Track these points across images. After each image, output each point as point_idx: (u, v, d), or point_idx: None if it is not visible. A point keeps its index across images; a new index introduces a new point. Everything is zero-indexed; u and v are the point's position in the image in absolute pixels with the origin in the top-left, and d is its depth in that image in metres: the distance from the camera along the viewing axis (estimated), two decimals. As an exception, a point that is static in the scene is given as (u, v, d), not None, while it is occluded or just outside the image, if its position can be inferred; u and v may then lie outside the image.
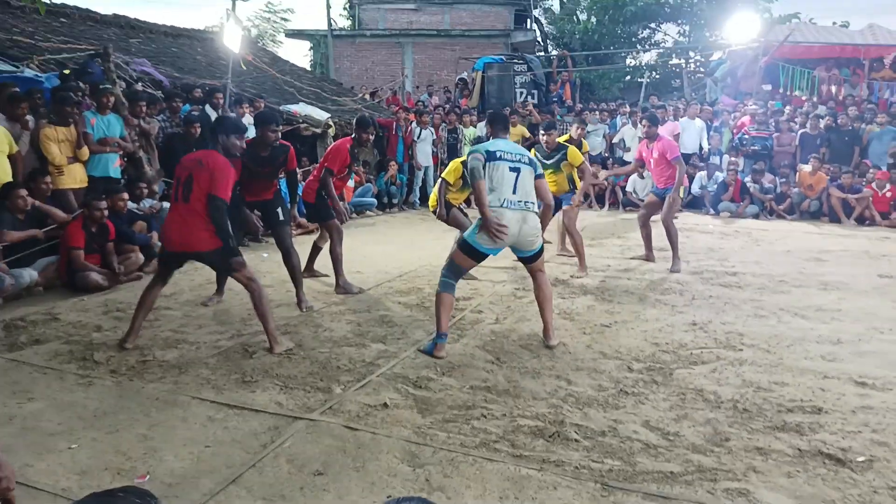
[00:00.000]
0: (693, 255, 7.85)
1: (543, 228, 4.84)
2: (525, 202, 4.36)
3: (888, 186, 11.06)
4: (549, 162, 6.99)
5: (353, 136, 5.97)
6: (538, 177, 4.54)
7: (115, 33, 11.46)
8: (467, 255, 4.39)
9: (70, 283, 5.81)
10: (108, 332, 4.70)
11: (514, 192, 4.33)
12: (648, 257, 7.60)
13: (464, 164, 6.66)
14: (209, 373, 3.94)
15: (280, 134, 5.52)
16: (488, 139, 4.61)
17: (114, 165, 7.12)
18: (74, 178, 6.62)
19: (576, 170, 7.10)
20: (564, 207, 7.22)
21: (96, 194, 6.12)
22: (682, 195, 7.32)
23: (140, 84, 8.49)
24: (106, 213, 6.01)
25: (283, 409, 3.47)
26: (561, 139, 7.38)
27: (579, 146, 7.65)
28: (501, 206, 4.30)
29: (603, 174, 9.49)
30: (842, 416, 3.46)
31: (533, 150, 7.01)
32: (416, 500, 1.27)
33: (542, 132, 7.27)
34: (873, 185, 11.14)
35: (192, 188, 4.19)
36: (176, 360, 4.13)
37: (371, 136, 6.02)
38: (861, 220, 11.08)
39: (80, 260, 5.80)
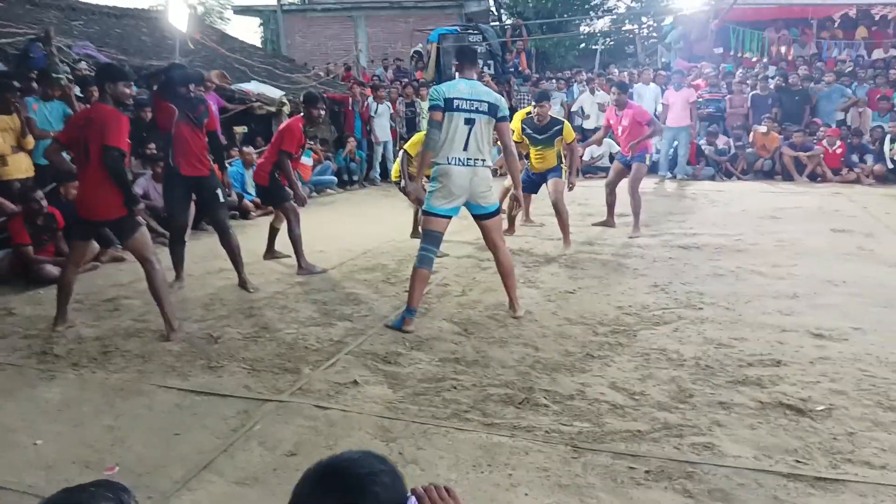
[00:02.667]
0: (652, 219, 7.96)
1: (515, 184, 4.71)
2: (475, 160, 4.31)
3: (838, 143, 11.36)
4: (541, 137, 6.56)
5: (302, 114, 5.88)
6: (500, 119, 4.40)
7: (56, 16, 11.02)
8: (434, 218, 4.37)
9: (24, 276, 5.64)
10: (73, 326, 4.58)
11: (464, 149, 4.28)
12: (609, 223, 7.68)
13: (523, 120, 6.56)
14: (174, 360, 3.88)
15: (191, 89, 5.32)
16: (455, 76, 4.47)
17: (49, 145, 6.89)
18: (20, 167, 6.39)
19: (566, 147, 6.74)
20: (550, 180, 6.76)
21: (32, 188, 5.92)
22: (647, 161, 7.36)
23: (85, 67, 8.19)
24: (45, 203, 5.81)
25: (251, 392, 3.44)
26: (520, 113, 6.95)
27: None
28: (448, 163, 4.28)
29: (580, 148, 9.46)
30: (800, 368, 3.57)
31: (523, 126, 6.65)
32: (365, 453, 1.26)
33: (533, 104, 6.68)
34: (824, 142, 11.41)
35: (90, 149, 4.04)
36: (139, 349, 4.05)
37: (322, 112, 5.92)
38: (813, 177, 11.36)
39: (31, 255, 5.62)
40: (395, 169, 6.74)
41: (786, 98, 12.36)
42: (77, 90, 7.36)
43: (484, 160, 4.36)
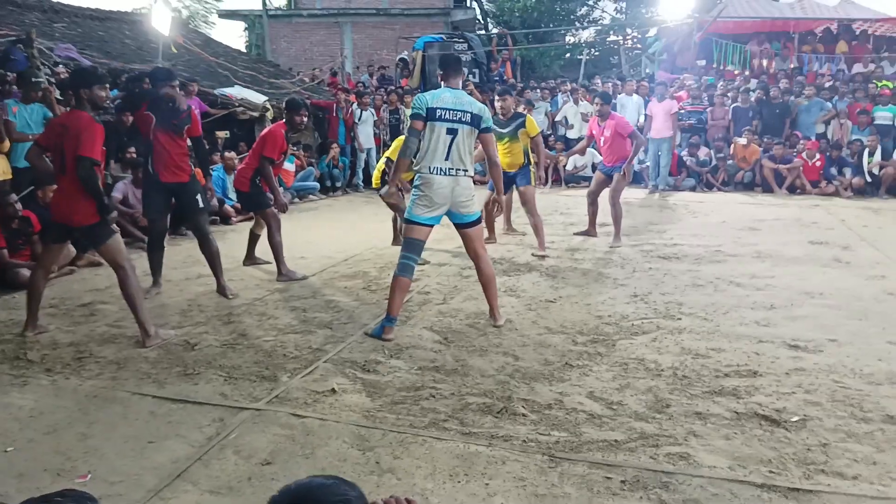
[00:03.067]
0: (633, 229, 8.01)
1: (497, 191, 4.77)
2: (457, 169, 4.31)
3: (817, 156, 11.50)
4: (505, 130, 6.73)
5: (284, 120, 5.86)
6: (483, 130, 4.40)
7: (38, 18, 10.93)
8: (416, 226, 4.37)
9: (-1, 280, 5.57)
10: (46, 331, 4.51)
11: (446, 159, 4.28)
12: (591, 233, 7.71)
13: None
14: (149, 367, 3.84)
15: (177, 90, 5.36)
16: (441, 85, 4.48)
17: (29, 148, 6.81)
18: (-4, 170, 6.33)
19: (531, 141, 6.87)
20: (520, 188, 6.87)
21: (6, 191, 5.85)
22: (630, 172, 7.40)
23: (64, 70, 8.12)
24: (19, 207, 5.75)
25: (227, 400, 3.41)
26: None
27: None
28: (430, 172, 4.28)
29: (563, 158, 9.59)
30: (776, 379, 3.60)
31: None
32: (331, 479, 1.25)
33: (496, 98, 6.90)
34: (803, 155, 11.55)
35: (66, 156, 4.02)
36: (114, 356, 4.01)
37: (304, 118, 5.91)
38: (792, 189, 11.50)
39: (6, 259, 5.56)
40: (375, 175, 6.74)
41: (766, 111, 12.51)
42: (58, 93, 7.29)
43: (465, 170, 4.35)
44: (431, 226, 4.43)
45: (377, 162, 12.58)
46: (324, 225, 8.81)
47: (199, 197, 5.32)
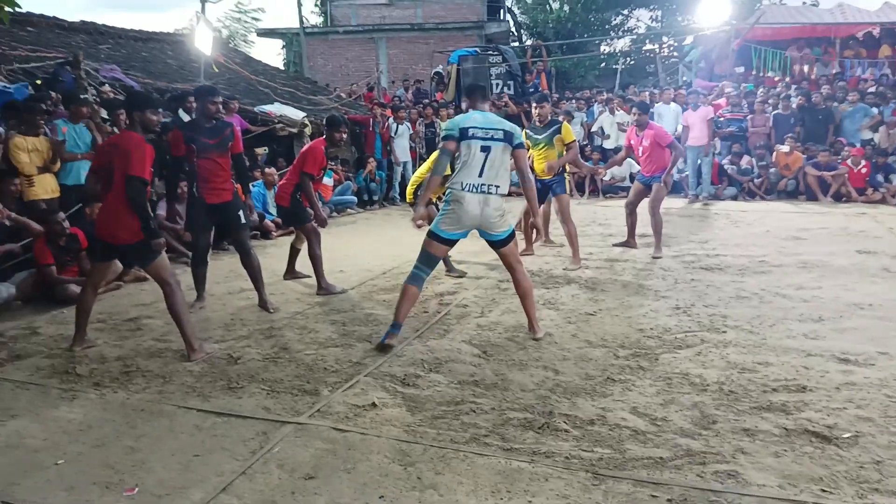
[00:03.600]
0: (673, 240, 7.90)
1: (532, 204, 4.80)
2: (489, 185, 4.35)
3: (863, 163, 11.21)
4: (541, 136, 6.83)
5: (324, 136, 5.93)
6: (517, 147, 4.44)
7: (84, 40, 11.29)
8: (436, 243, 4.43)
9: (48, 296, 5.73)
10: (94, 346, 4.62)
11: (479, 175, 4.33)
12: (630, 244, 7.63)
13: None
14: (194, 380, 3.91)
15: (220, 107, 5.47)
16: (467, 111, 4.59)
17: (86, 173, 7.02)
18: (45, 188, 6.51)
19: (566, 148, 6.86)
20: (556, 196, 6.92)
21: (54, 209, 6.03)
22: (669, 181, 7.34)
23: (109, 90, 8.35)
24: (67, 224, 5.91)
25: (270, 413, 3.44)
26: None
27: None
28: (462, 189, 4.33)
29: (601, 170, 9.57)
30: (826, 394, 3.50)
31: (524, 131, 6.85)
32: None
33: (534, 105, 7.00)
34: (848, 162, 11.27)
35: (115, 174, 4.13)
36: (160, 370, 4.08)
37: (344, 135, 5.98)
38: (838, 197, 11.22)
39: (54, 276, 5.72)
40: (409, 191, 6.79)
41: (808, 117, 12.26)
42: (104, 113, 7.50)
43: (498, 187, 4.38)
44: (453, 242, 4.51)
45: (412, 175, 12.72)
46: (362, 238, 8.88)
47: (241, 213, 5.43)
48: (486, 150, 4.33)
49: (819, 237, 7.99)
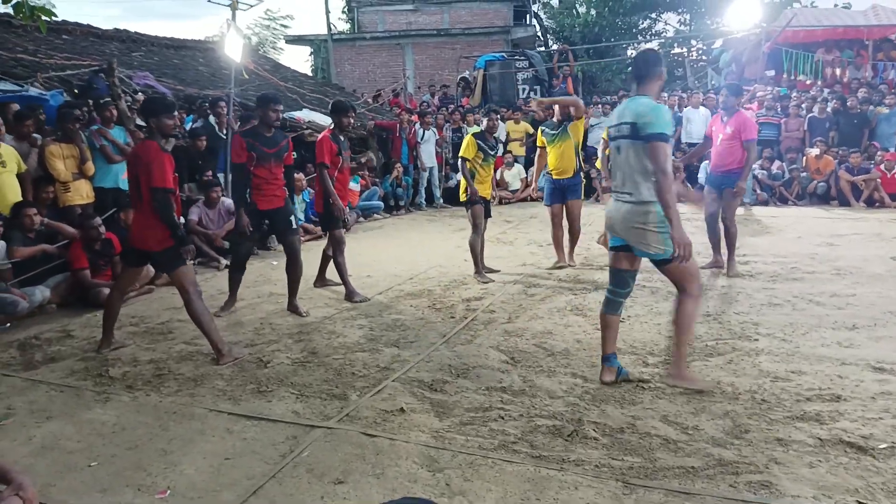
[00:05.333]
0: (703, 245, 7.79)
1: (670, 216, 3.45)
2: (620, 193, 3.67)
3: (896, 167, 10.99)
4: (556, 132, 6.78)
5: (332, 124, 5.95)
6: (646, 139, 3.48)
7: (117, 48, 11.52)
8: (610, 254, 3.90)
9: (82, 299, 5.84)
10: (122, 347, 4.70)
11: (617, 180, 3.74)
12: (718, 263, 6.67)
13: (475, 135, 6.60)
14: (224, 384, 3.95)
15: (281, 115, 5.52)
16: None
17: (122, 176, 7.14)
18: (81, 193, 6.65)
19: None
20: (570, 201, 6.87)
21: (90, 214, 6.17)
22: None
23: (142, 97, 8.50)
24: (103, 230, 6.02)
25: (300, 417, 3.47)
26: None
27: (495, 144, 7.05)
28: (612, 190, 3.83)
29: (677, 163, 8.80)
30: (861, 403, 3.43)
31: (542, 129, 7.02)
32: (420, 500, 1.28)
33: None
34: (881, 166, 11.06)
35: (141, 185, 4.23)
36: (191, 373, 4.14)
37: (352, 120, 6.01)
38: (871, 203, 11.01)
39: (88, 280, 5.84)
40: (462, 186, 6.70)
41: (843, 121, 12.06)
42: (138, 119, 7.64)
43: (630, 194, 3.61)
44: (622, 250, 3.79)
45: (439, 181, 12.73)
46: (389, 243, 8.91)
47: (292, 218, 5.53)
48: (618, 150, 3.70)
49: (852, 243, 7.84)
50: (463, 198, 6.65)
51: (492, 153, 6.63)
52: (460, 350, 4.41)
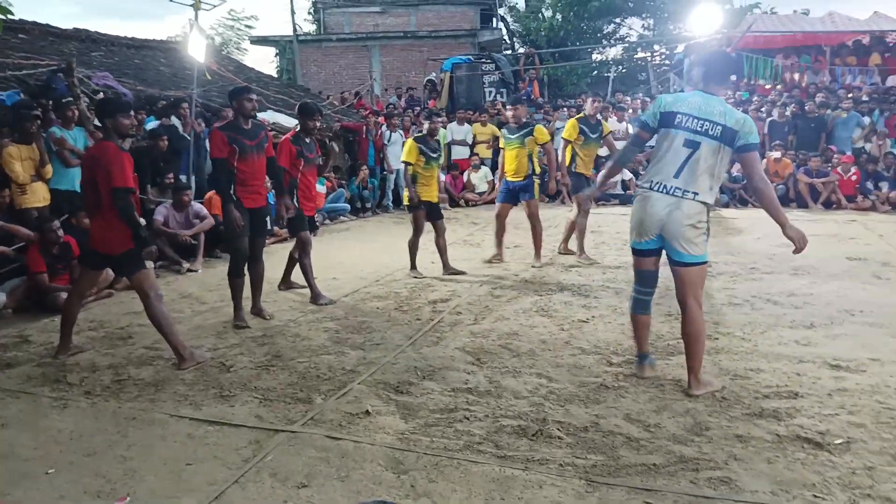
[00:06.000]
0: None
1: (780, 220, 3.78)
2: (684, 191, 3.52)
3: (853, 170, 11.30)
4: (514, 137, 7.00)
5: (298, 126, 5.90)
6: (740, 150, 3.49)
7: (77, 47, 11.25)
8: (636, 258, 3.85)
9: (40, 304, 5.70)
10: (81, 352, 4.60)
11: (675, 176, 3.52)
12: None
13: (416, 139, 6.71)
14: (186, 389, 3.89)
15: (256, 105, 5.44)
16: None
17: (80, 180, 6.99)
18: (38, 196, 6.50)
19: (543, 149, 7.12)
20: (526, 201, 7.09)
21: (48, 217, 6.02)
22: None
23: (103, 97, 8.34)
24: (61, 233, 5.89)
25: (263, 422, 3.43)
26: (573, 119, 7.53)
27: (597, 126, 7.47)
28: (651, 188, 3.60)
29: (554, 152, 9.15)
30: (818, 400, 3.52)
31: (503, 129, 7.26)
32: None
33: (509, 107, 7.27)
34: (839, 169, 11.36)
35: (100, 187, 4.15)
36: (151, 378, 4.06)
37: (317, 123, 5.98)
38: (828, 205, 11.30)
39: (45, 283, 5.70)
40: (405, 194, 6.88)
41: (802, 125, 12.36)
42: (96, 121, 7.49)
43: (696, 193, 3.52)
44: (653, 253, 3.75)
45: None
46: (355, 246, 8.87)
47: (268, 219, 5.48)
48: (691, 145, 3.49)
49: (810, 244, 7.99)
50: (406, 202, 6.79)
51: (434, 156, 6.72)
52: (426, 352, 4.41)
